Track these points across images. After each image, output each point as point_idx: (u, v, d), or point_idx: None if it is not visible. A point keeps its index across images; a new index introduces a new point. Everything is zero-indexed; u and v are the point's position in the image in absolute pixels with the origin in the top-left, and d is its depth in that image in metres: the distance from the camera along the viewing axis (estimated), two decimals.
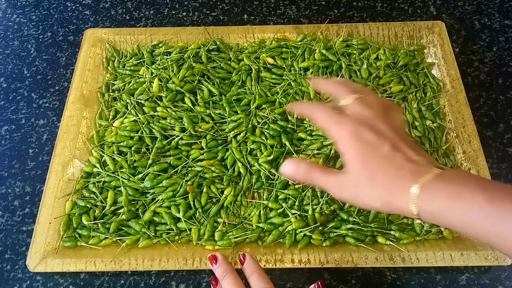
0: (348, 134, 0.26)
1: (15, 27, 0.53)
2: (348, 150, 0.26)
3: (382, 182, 0.25)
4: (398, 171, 0.25)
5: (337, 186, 0.27)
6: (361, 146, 0.26)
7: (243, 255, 0.34)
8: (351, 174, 0.26)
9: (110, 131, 0.42)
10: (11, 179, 0.42)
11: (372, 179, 0.25)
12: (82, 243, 0.37)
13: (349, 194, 0.26)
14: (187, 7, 0.54)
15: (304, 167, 0.28)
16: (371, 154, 0.25)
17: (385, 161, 0.25)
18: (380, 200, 0.25)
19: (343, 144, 0.27)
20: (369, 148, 0.26)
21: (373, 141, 0.26)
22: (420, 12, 0.53)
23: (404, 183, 0.24)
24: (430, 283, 0.36)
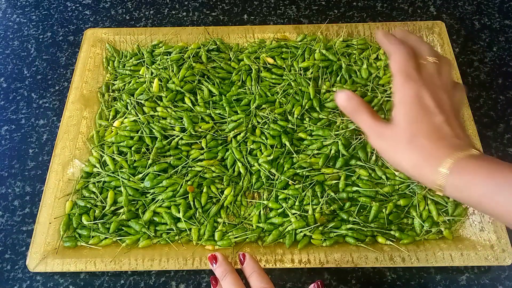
0: (412, 92, 0.26)
1: (15, 27, 0.53)
2: (404, 106, 0.26)
3: (421, 146, 0.25)
4: (440, 141, 0.25)
5: (378, 134, 0.27)
6: (417, 107, 0.26)
7: (243, 255, 0.34)
8: (395, 129, 0.26)
9: (110, 131, 0.42)
10: (11, 179, 0.42)
11: (413, 140, 0.25)
12: (82, 243, 0.37)
13: (385, 146, 0.27)
14: (187, 7, 0.54)
15: (355, 103, 0.28)
16: (423, 118, 0.26)
17: (433, 129, 0.26)
18: (412, 163, 0.25)
19: (402, 98, 0.27)
20: (424, 112, 0.26)
21: (431, 108, 0.26)
22: (420, 12, 0.53)
23: (441, 153, 0.25)
24: (430, 283, 0.36)
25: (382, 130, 0.27)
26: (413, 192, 0.37)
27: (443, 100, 0.27)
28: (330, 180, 0.38)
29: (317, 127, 0.40)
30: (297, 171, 0.39)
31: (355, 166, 0.38)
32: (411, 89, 0.27)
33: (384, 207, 0.37)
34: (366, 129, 0.28)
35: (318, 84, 0.43)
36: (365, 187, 0.37)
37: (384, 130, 0.27)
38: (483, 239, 0.36)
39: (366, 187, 0.37)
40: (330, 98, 0.43)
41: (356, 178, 0.38)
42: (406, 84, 0.27)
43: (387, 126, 0.27)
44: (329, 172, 0.38)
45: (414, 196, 0.37)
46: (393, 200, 0.37)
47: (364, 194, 0.37)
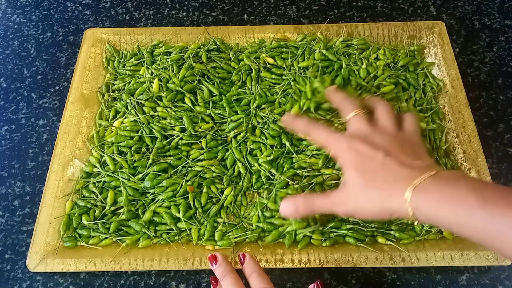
0: (345, 149, 0.29)
1: (15, 27, 0.53)
2: (346, 164, 0.29)
3: (378, 186, 0.27)
4: (393, 175, 0.26)
5: (339, 202, 0.29)
6: (356, 158, 0.28)
7: (243, 255, 0.34)
8: (349, 185, 0.28)
9: (110, 131, 0.42)
10: (11, 179, 0.42)
11: (368, 184, 0.27)
12: (82, 243, 0.37)
13: (350, 206, 0.28)
14: (187, 7, 0.54)
15: (304, 202, 0.30)
16: (366, 163, 0.28)
17: (379, 168, 0.27)
18: (378, 204, 0.26)
19: (342, 159, 0.29)
20: (364, 159, 0.28)
21: (367, 152, 0.28)
22: (420, 12, 0.53)
23: (399, 185, 0.26)
24: (430, 283, 0.36)
25: (339, 196, 0.29)
26: None
27: (376, 140, 0.29)
28: (329, 180, 0.38)
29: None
30: (297, 171, 0.39)
31: None
32: (343, 146, 0.29)
33: None
34: (328, 208, 0.29)
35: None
36: None
37: (341, 194, 0.29)
38: None
39: None
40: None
41: None
42: (337, 146, 0.30)
43: (342, 189, 0.29)
44: (328, 172, 0.38)
45: None
46: None
47: None
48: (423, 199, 0.24)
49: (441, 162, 0.40)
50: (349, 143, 0.29)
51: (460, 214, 0.23)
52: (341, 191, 0.29)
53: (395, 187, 0.26)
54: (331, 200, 0.29)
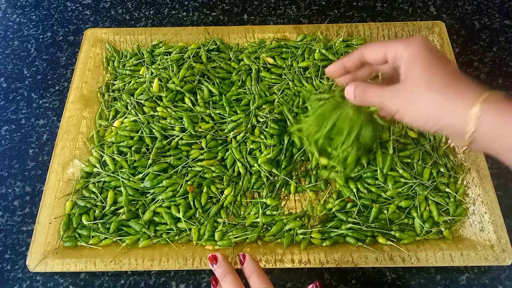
0: (419, 44, 0.25)
1: (15, 27, 0.53)
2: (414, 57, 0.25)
3: (444, 88, 0.24)
4: (462, 84, 0.24)
5: (390, 95, 0.26)
6: (430, 55, 0.25)
7: (243, 255, 0.34)
8: (409, 80, 0.25)
9: (110, 131, 0.42)
10: (11, 179, 0.42)
11: (432, 86, 0.24)
12: (82, 243, 0.37)
13: (400, 101, 0.25)
14: (187, 7, 0.54)
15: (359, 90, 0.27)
16: (438, 64, 0.25)
17: (450, 75, 0.24)
18: (434, 106, 0.24)
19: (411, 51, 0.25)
20: (437, 60, 0.25)
21: (442, 57, 0.25)
22: (420, 12, 0.53)
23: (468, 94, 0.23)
24: (430, 283, 0.36)
25: (393, 89, 0.25)
26: (415, 193, 0.37)
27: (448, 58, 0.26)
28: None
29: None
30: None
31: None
32: (418, 41, 0.25)
33: (386, 209, 0.37)
34: (379, 100, 0.27)
35: (314, 84, 0.43)
36: (367, 192, 0.37)
37: (396, 88, 0.25)
38: (483, 239, 0.36)
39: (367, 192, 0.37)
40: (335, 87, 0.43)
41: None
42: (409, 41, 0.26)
43: (398, 84, 0.25)
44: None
45: (415, 197, 0.37)
46: (395, 202, 0.37)
47: (366, 197, 0.37)
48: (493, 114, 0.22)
49: (441, 162, 0.40)
50: (424, 42, 0.25)
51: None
52: (398, 85, 0.25)
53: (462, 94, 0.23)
54: (384, 92, 0.26)
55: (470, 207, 0.37)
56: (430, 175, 0.38)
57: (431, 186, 0.37)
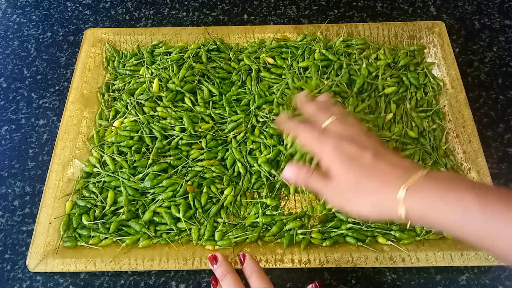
0: (331, 149, 0.28)
1: (15, 27, 0.53)
2: (333, 164, 0.28)
3: (368, 189, 0.26)
4: (383, 176, 0.26)
5: (330, 191, 0.28)
6: (343, 158, 0.27)
7: (243, 255, 0.34)
8: (337, 180, 0.27)
9: (110, 131, 0.42)
10: (11, 179, 0.42)
11: (358, 187, 0.26)
12: (82, 243, 0.37)
13: (339, 201, 0.28)
14: (187, 7, 0.54)
15: (304, 173, 0.29)
16: (355, 164, 0.27)
17: (369, 169, 0.26)
18: (368, 207, 0.26)
19: (327, 159, 0.28)
20: (351, 159, 0.27)
21: (355, 152, 0.27)
22: (420, 12, 0.53)
23: (390, 186, 0.25)
24: (430, 283, 0.36)
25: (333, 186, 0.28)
26: None
27: (362, 140, 0.28)
28: None
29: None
30: None
31: None
32: (329, 147, 0.28)
33: None
34: (320, 191, 0.29)
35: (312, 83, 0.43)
36: None
37: (334, 186, 0.28)
38: None
39: None
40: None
41: None
42: (322, 147, 0.28)
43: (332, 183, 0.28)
44: None
45: None
46: None
47: None
48: (417, 198, 0.23)
49: (441, 162, 0.40)
50: (334, 143, 0.28)
51: (457, 214, 0.22)
52: (333, 184, 0.28)
53: (387, 188, 0.25)
54: (325, 186, 0.28)
55: None
56: None
57: None
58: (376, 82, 0.43)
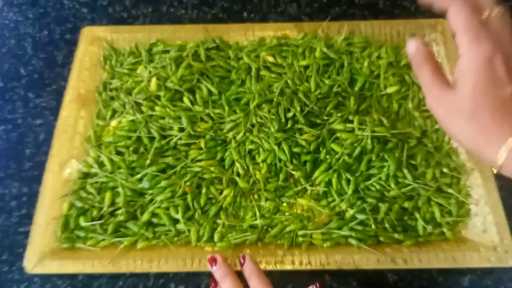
0: (482, 57, 0.23)
1: (12, 26, 0.53)
2: (470, 74, 0.23)
3: (483, 123, 0.23)
4: (505, 118, 0.23)
5: (436, 98, 0.25)
6: (487, 76, 0.23)
7: (243, 256, 0.34)
8: (457, 97, 0.24)
9: (107, 131, 0.42)
10: (8, 180, 0.42)
11: (475, 115, 0.23)
12: (80, 245, 0.36)
13: (442, 114, 0.25)
14: (186, 5, 0.54)
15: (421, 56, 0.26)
16: (491, 90, 0.23)
17: (499, 104, 0.23)
18: (470, 138, 0.24)
19: (469, 64, 0.24)
20: (493, 83, 0.23)
21: (501, 78, 0.23)
22: (423, 9, 0.53)
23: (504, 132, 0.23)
24: (432, 285, 0.35)
25: (441, 94, 0.24)
26: (418, 194, 0.37)
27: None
28: None
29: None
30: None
31: None
32: (482, 52, 0.23)
33: (389, 209, 0.36)
34: (424, 89, 0.25)
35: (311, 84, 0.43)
36: (372, 189, 0.37)
37: (443, 95, 0.24)
38: (486, 240, 0.35)
39: (372, 189, 0.37)
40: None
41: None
42: (476, 46, 0.23)
43: (448, 91, 0.24)
44: None
45: (418, 198, 0.37)
46: (399, 202, 0.37)
47: (371, 195, 0.37)
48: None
49: (444, 162, 0.39)
50: (490, 52, 0.23)
51: None
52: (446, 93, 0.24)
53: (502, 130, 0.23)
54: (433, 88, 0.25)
55: (473, 208, 0.37)
56: (433, 175, 0.38)
57: (434, 187, 0.37)
58: (378, 81, 0.43)
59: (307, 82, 0.43)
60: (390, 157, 0.37)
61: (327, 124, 0.40)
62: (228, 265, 0.34)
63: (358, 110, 0.41)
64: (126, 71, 0.45)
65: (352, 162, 0.38)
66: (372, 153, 0.38)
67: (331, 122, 0.40)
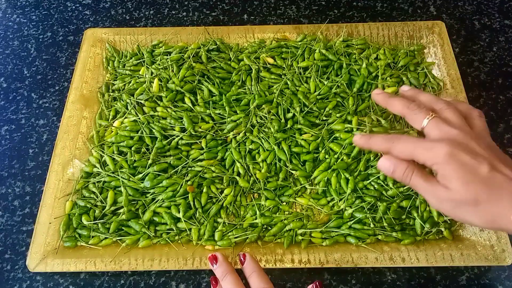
0: (445, 156, 0.26)
1: (15, 27, 0.53)
2: (447, 172, 0.26)
3: (488, 205, 0.25)
4: (502, 195, 0.25)
5: (437, 198, 0.27)
6: (459, 168, 0.25)
7: (243, 255, 0.34)
8: (454, 193, 0.26)
9: (110, 131, 0.42)
10: (11, 179, 0.42)
11: (477, 201, 0.25)
12: (82, 243, 0.37)
13: (448, 208, 0.26)
14: (187, 7, 0.54)
15: (404, 169, 0.27)
16: (471, 177, 0.25)
17: (486, 185, 0.25)
18: (485, 221, 0.25)
19: (441, 166, 0.26)
20: (467, 171, 0.25)
21: (471, 163, 0.25)
22: (420, 12, 0.53)
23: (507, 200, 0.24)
24: (430, 283, 0.36)
25: (440, 193, 0.26)
26: (415, 193, 0.37)
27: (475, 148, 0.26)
28: None
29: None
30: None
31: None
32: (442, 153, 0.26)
33: (387, 208, 0.37)
34: (423, 193, 0.27)
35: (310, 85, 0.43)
36: (370, 188, 0.38)
37: (443, 194, 0.26)
38: (483, 239, 0.36)
39: (370, 189, 0.38)
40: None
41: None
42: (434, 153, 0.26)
43: (445, 190, 0.26)
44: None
45: (416, 197, 0.37)
46: (397, 201, 0.37)
47: (369, 194, 0.37)
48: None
49: None
50: (448, 149, 0.25)
51: None
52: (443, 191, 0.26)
53: (505, 201, 0.24)
54: (430, 190, 0.26)
55: None
56: None
57: None
58: (376, 82, 0.43)
59: (307, 83, 0.44)
60: None
61: (326, 124, 0.41)
62: (228, 263, 0.34)
63: (357, 111, 0.42)
64: (129, 72, 0.46)
65: (351, 162, 0.39)
66: (370, 153, 0.39)
67: (330, 123, 0.41)
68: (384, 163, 0.28)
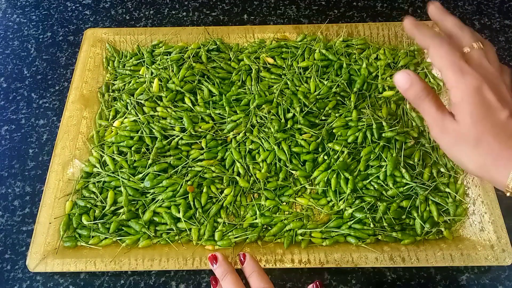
0: (470, 88, 0.24)
1: (15, 27, 0.53)
2: (465, 104, 0.25)
3: (489, 148, 0.24)
4: (510, 141, 0.24)
5: (441, 127, 0.26)
6: (480, 104, 0.24)
7: (243, 255, 0.34)
8: (460, 126, 0.25)
9: (110, 131, 0.42)
10: (11, 179, 0.42)
11: (480, 141, 0.24)
12: (82, 243, 0.37)
13: (447, 142, 0.25)
14: (187, 7, 0.54)
15: (419, 89, 0.26)
16: (488, 116, 0.24)
17: (499, 128, 0.24)
18: (478, 164, 0.24)
19: (461, 95, 0.25)
20: (487, 110, 0.24)
21: (494, 104, 0.24)
22: (420, 12, 0.53)
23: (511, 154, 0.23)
24: (430, 283, 0.36)
25: (446, 124, 0.25)
26: (415, 193, 0.37)
27: (503, 92, 0.25)
28: None
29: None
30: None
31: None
32: (469, 84, 0.24)
33: (387, 208, 0.37)
34: (428, 121, 0.26)
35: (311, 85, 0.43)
36: (370, 188, 0.38)
37: (448, 125, 0.25)
38: (483, 239, 0.36)
39: (370, 189, 0.38)
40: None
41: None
42: (461, 79, 0.25)
43: (451, 121, 0.25)
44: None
45: (416, 197, 0.37)
46: (397, 201, 0.37)
47: (369, 194, 0.37)
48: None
49: (441, 162, 0.40)
50: (477, 83, 0.24)
51: None
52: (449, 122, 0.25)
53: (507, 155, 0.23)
54: (436, 119, 0.25)
55: (470, 207, 0.37)
56: (430, 175, 0.38)
57: (431, 187, 0.37)
58: (376, 82, 0.43)
59: (307, 83, 0.44)
60: (388, 156, 0.38)
61: (326, 124, 0.41)
62: (228, 263, 0.34)
63: (357, 107, 0.42)
64: (129, 72, 0.46)
65: (351, 162, 0.39)
66: (370, 153, 0.39)
67: (330, 122, 0.41)
68: (402, 77, 0.26)
